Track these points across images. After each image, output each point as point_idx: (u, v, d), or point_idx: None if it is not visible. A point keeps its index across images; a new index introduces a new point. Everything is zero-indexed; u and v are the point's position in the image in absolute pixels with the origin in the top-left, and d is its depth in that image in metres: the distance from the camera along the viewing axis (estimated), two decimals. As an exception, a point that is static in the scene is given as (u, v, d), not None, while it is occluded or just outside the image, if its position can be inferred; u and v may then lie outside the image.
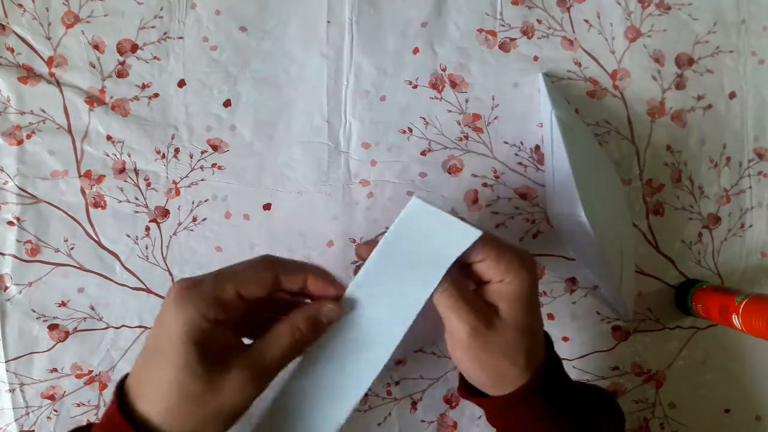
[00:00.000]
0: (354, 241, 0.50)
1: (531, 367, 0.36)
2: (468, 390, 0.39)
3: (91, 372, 0.49)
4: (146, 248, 0.50)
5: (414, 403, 0.50)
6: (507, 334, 0.35)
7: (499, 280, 0.35)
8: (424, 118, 0.50)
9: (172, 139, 0.50)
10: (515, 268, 0.35)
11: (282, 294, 0.36)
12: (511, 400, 0.36)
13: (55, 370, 0.49)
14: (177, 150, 0.50)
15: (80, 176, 0.49)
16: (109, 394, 0.49)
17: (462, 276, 0.36)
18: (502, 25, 0.50)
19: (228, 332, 0.32)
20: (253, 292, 0.32)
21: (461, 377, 0.40)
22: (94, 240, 0.49)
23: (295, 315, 0.34)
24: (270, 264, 0.34)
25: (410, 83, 0.50)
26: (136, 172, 0.50)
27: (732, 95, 0.51)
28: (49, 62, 0.49)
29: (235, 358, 0.31)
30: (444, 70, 0.50)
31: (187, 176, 0.50)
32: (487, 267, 0.35)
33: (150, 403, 0.31)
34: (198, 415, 0.30)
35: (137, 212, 0.50)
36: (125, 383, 0.33)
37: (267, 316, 0.36)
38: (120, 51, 0.50)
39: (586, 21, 0.50)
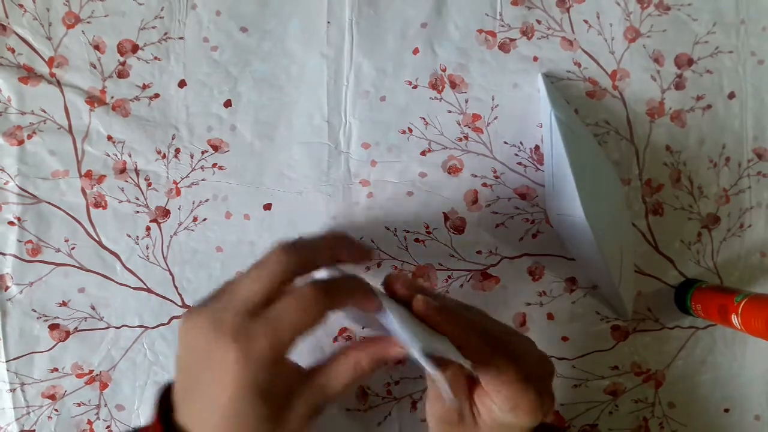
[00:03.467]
0: (354, 241, 0.50)
1: None
2: None
3: (91, 371, 0.49)
4: (147, 248, 0.50)
5: (414, 403, 0.50)
6: None
7: (499, 409, 0.33)
8: (424, 119, 0.50)
9: (173, 139, 0.50)
10: (523, 412, 0.32)
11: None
12: None
13: (56, 369, 0.49)
14: (177, 150, 0.50)
15: (81, 176, 0.49)
16: (109, 393, 0.49)
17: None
18: (502, 26, 0.50)
19: (286, 365, 0.31)
20: (312, 331, 0.31)
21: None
22: (95, 240, 0.50)
23: (359, 353, 0.32)
24: (323, 300, 0.31)
25: (410, 83, 0.50)
26: (137, 172, 0.50)
27: (731, 95, 0.51)
28: (50, 62, 0.49)
29: (297, 391, 0.31)
30: (444, 70, 0.50)
31: (187, 176, 0.50)
32: (495, 396, 0.32)
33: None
34: None
35: (138, 212, 0.50)
36: (175, 413, 0.32)
37: None
38: (120, 51, 0.50)
39: (586, 21, 0.50)
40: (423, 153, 0.50)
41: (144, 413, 0.50)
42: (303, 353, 0.46)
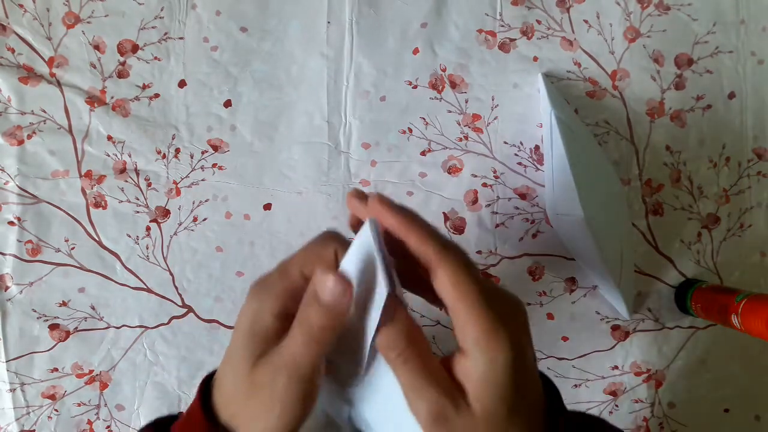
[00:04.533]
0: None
1: None
2: None
3: (91, 371, 0.49)
4: (147, 248, 0.50)
5: (414, 403, 0.50)
6: (475, 425, 0.28)
7: (467, 353, 0.28)
8: (424, 119, 0.50)
9: (173, 139, 0.50)
10: (484, 343, 0.27)
11: None
12: None
13: (56, 369, 0.49)
14: (177, 150, 0.50)
15: (81, 176, 0.49)
16: (109, 393, 0.49)
17: (426, 340, 0.30)
18: (502, 26, 0.50)
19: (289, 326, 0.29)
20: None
21: None
22: (95, 240, 0.50)
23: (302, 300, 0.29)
24: (330, 239, 0.30)
25: (410, 83, 0.50)
26: (137, 172, 0.50)
27: (731, 95, 0.51)
28: (50, 62, 0.49)
29: (272, 350, 0.29)
30: (444, 70, 0.50)
31: (187, 176, 0.50)
32: (456, 327, 0.28)
33: (218, 395, 0.30)
34: (243, 413, 0.29)
35: (138, 212, 0.50)
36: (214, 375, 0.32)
37: None
38: (120, 51, 0.50)
39: (586, 21, 0.50)
40: (423, 153, 0.50)
41: (144, 413, 0.50)
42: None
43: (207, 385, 0.32)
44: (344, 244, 0.30)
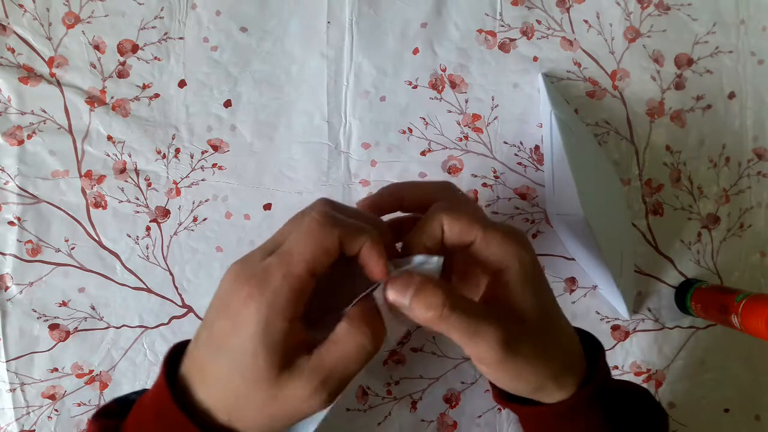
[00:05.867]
0: (354, 241, 0.50)
1: (574, 374, 0.33)
2: (505, 396, 0.35)
3: (91, 371, 0.49)
4: (147, 248, 0.50)
5: (414, 403, 0.50)
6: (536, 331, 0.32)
7: (497, 268, 0.31)
8: (423, 119, 0.50)
9: (173, 139, 0.50)
10: (507, 246, 0.31)
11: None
12: (564, 409, 0.33)
13: (56, 369, 0.49)
14: (177, 150, 0.50)
15: (81, 176, 0.49)
16: (109, 393, 0.49)
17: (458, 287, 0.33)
18: (502, 26, 0.50)
19: (300, 327, 0.28)
20: (324, 263, 0.28)
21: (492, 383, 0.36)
22: (95, 240, 0.50)
23: (353, 312, 0.29)
24: (330, 224, 0.28)
25: (410, 83, 0.50)
26: (137, 172, 0.50)
27: (731, 95, 0.51)
28: (50, 62, 0.49)
29: (302, 362, 0.28)
30: (444, 70, 0.50)
31: (187, 176, 0.50)
32: (478, 249, 0.31)
33: (211, 396, 0.29)
34: (258, 418, 0.28)
35: (138, 212, 0.50)
36: (182, 364, 0.30)
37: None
38: (120, 51, 0.50)
39: (586, 21, 0.50)
40: (423, 153, 0.50)
41: (144, 413, 0.50)
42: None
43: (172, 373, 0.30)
44: (346, 226, 0.29)
